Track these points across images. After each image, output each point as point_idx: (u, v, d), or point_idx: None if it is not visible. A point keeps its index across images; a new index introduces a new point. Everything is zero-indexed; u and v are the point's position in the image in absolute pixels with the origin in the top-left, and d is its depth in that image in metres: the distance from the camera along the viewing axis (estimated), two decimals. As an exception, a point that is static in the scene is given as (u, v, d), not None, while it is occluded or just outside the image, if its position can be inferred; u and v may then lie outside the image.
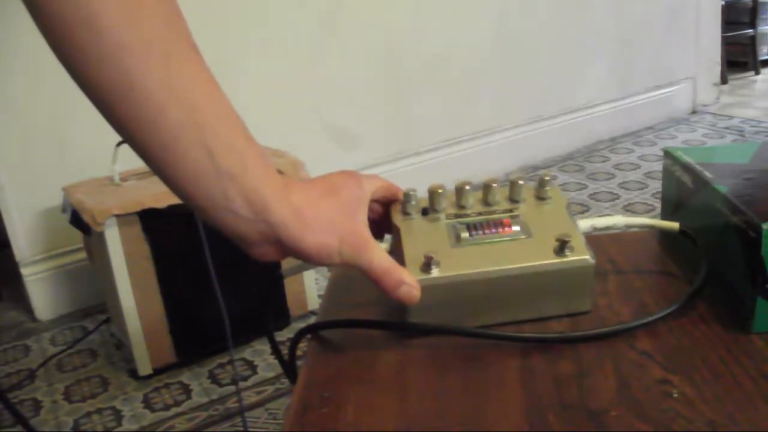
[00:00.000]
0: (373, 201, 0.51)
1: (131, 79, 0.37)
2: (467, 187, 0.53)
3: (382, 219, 0.54)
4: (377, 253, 0.45)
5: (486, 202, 0.53)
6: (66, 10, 0.35)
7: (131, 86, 0.37)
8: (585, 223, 0.53)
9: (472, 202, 0.53)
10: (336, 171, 0.48)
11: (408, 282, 0.45)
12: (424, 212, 0.53)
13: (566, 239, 0.47)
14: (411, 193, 0.52)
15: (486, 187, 0.53)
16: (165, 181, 0.40)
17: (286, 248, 0.43)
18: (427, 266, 0.47)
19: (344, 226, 0.44)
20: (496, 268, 0.47)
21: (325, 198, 0.44)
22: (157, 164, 0.39)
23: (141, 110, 0.37)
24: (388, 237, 0.54)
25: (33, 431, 1.14)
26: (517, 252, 0.48)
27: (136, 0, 0.36)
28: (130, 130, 0.38)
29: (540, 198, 0.53)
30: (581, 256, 0.48)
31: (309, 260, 0.44)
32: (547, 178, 0.53)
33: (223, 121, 0.40)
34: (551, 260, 0.48)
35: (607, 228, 0.55)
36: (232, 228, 0.41)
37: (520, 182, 0.53)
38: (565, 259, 0.48)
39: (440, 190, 0.52)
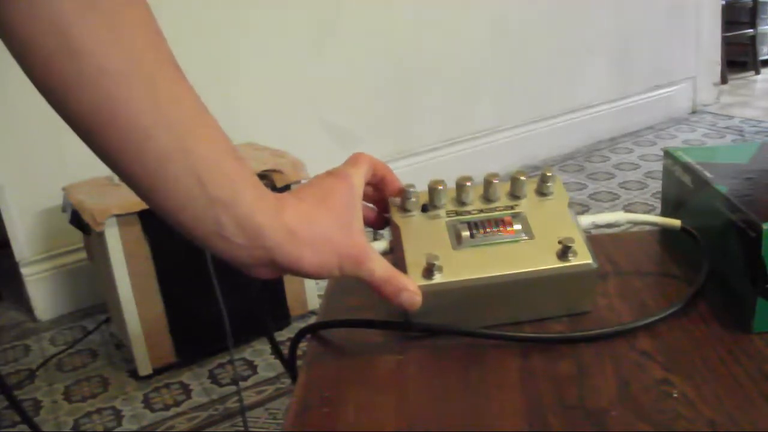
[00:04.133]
0: (366, 185, 0.49)
1: (114, 105, 0.35)
2: (468, 184, 0.52)
3: (379, 202, 0.53)
4: (377, 263, 0.44)
5: (487, 198, 0.52)
6: (43, 37, 0.33)
7: (115, 112, 0.35)
8: (586, 220, 0.53)
9: (473, 198, 0.52)
10: (324, 173, 0.46)
11: (409, 288, 0.45)
12: (424, 209, 0.52)
13: (569, 244, 0.47)
14: (410, 189, 0.51)
15: (487, 183, 0.52)
16: (154, 209, 0.39)
17: (284, 269, 0.42)
18: (428, 272, 0.47)
19: (341, 240, 0.43)
20: (499, 273, 0.47)
21: (319, 210, 0.43)
22: (144, 192, 0.38)
23: (126, 137, 0.35)
24: (386, 236, 0.53)
25: (38, 430, 1.14)
26: (519, 255, 0.48)
27: (116, 22, 0.35)
28: (115, 159, 0.37)
29: (542, 194, 0.53)
30: (584, 260, 0.48)
31: (309, 278, 0.43)
32: (549, 173, 0.53)
33: (211, 144, 0.38)
34: (554, 265, 0.47)
35: (609, 225, 0.54)
36: (227, 254, 0.40)
37: (522, 178, 0.52)
38: (567, 264, 0.47)
39: (440, 186, 0.51)
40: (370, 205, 0.53)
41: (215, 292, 1.31)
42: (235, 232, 0.39)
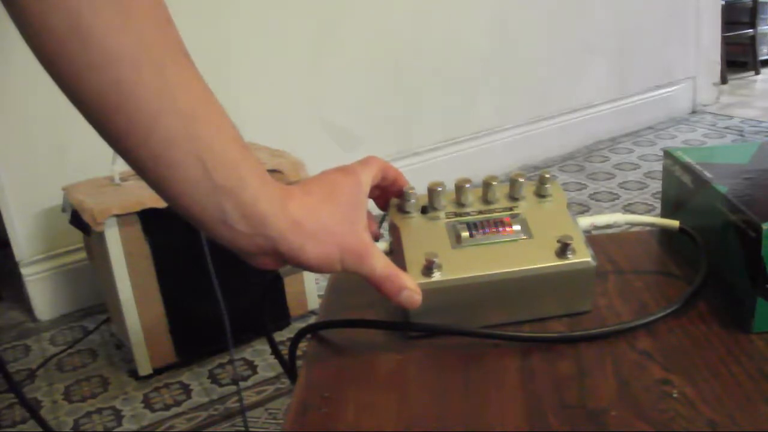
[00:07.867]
0: (374, 187, 0.50)
1: (123, 89, 0.35)
2: (467, 185, 0.52)
3: (384, 203, 0.53)
4: (379, 260, 0.44)
5: (486, 200, 0.53)
6: (54, 20, 0.34)
7: (123, 97, 0.35)
8: (585, 222, 0.53)
9: (472, 200, 0.53)
10: (333, 169, 0.47)
11: (409, 287, 0.45)
12: (423, 210, 0.52)
13: (567, 241, 0.47)
14: (410, 191, 0.52)
15: (486, 185, 0.52)
16: (160, 194, 0.39)
17: (286, 259, 0.42)
18: (428, 269, 0.47)
19: (345, 235, 0.43)
20: (498, 270, 0.47)
21: (325, 204, 0.44)
22: (151, 178, 0.38)
23: (133, 122, 0.36)
24: (386, 237, 0.53)
25: (48, 428, 1.13)
26: (518, 253, 0.48)
27: (126, 8, 0.35)
28: (122, 144, 0.37)
29: (540, 195, 0.53)
30: (583, 258, 0.48)
31: (310, 270, 0.44)
32: (547, 175, 0.53)
33: (218, 132, 0.39)
34: (553, 262, 0.48)
35: (608, 226, 0.55)
36: (229, 241, 0.41)
37: (520, 180, 0.52)
38: (566, 261, 0.47)
39: (439, 188, 0.52)
40: (370, 210, 0.53)
41: (215, 292, 1.30)
42: (239, 220, 0.40)
